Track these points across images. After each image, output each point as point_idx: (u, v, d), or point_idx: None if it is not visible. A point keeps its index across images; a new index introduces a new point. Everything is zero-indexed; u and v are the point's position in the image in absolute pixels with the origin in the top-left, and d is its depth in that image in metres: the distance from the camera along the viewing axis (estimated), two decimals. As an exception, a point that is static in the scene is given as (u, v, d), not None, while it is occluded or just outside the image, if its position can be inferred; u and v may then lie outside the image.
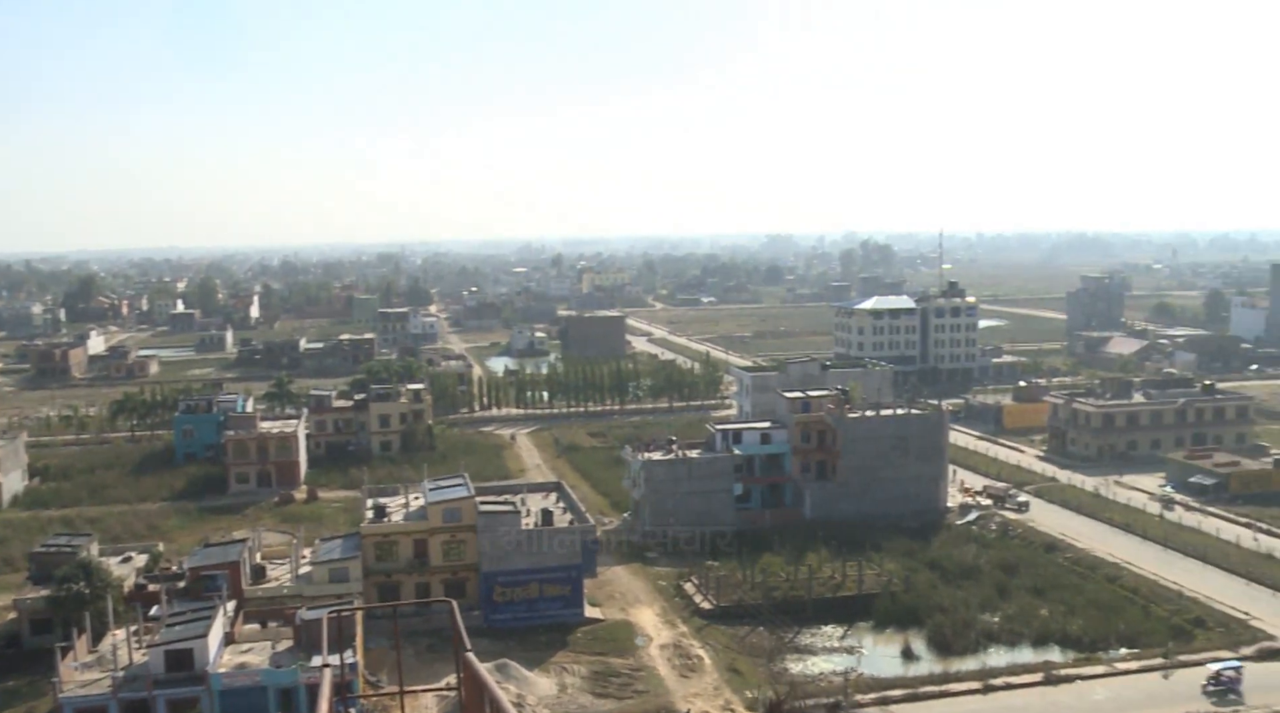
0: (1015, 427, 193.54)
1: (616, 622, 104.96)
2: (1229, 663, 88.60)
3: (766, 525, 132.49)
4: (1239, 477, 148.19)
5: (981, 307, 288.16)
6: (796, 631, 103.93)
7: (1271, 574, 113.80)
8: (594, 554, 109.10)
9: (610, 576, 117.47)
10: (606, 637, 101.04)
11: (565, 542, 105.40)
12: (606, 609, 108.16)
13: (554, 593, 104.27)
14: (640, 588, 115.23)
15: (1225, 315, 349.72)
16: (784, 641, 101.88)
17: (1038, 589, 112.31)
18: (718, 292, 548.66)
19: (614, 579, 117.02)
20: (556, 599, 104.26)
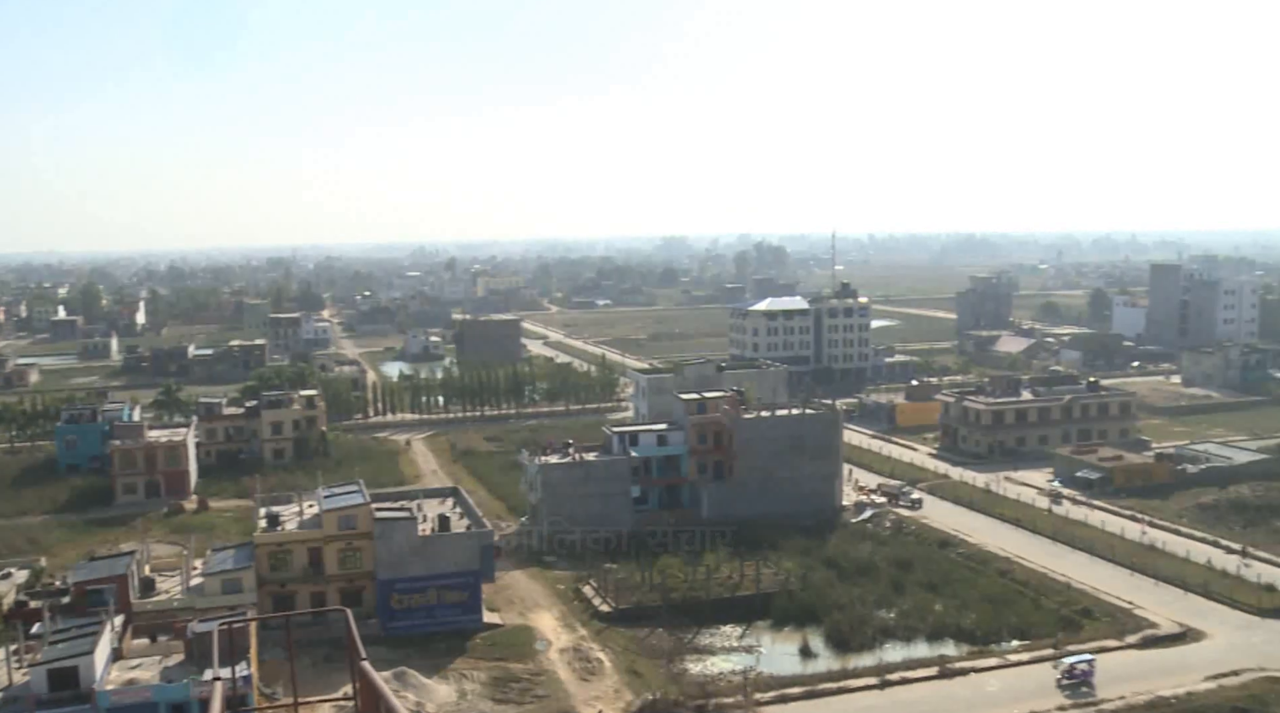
0: (908, 425, 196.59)
1: (516, 627, 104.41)
2: (1082, 657, 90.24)
3: (664, 527, 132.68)
4: (1123, 470, 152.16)
5: (874, 307, 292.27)
6: (695, 631, 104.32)
7: (1154, 564, 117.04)
8: (492, 559, 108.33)
9: (509, 580, 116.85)
10: (506, 642, 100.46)
11: (463, 547, 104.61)
12: (505, 614, 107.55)
13: (452, 599, 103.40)
14: (539, 592, 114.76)
15: (1108, 314, 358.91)
16: (683, 641, 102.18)
17: (932, 585, 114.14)
18: (613, 294, 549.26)
19: (513, 584, 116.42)
20: (455, 605, 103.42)
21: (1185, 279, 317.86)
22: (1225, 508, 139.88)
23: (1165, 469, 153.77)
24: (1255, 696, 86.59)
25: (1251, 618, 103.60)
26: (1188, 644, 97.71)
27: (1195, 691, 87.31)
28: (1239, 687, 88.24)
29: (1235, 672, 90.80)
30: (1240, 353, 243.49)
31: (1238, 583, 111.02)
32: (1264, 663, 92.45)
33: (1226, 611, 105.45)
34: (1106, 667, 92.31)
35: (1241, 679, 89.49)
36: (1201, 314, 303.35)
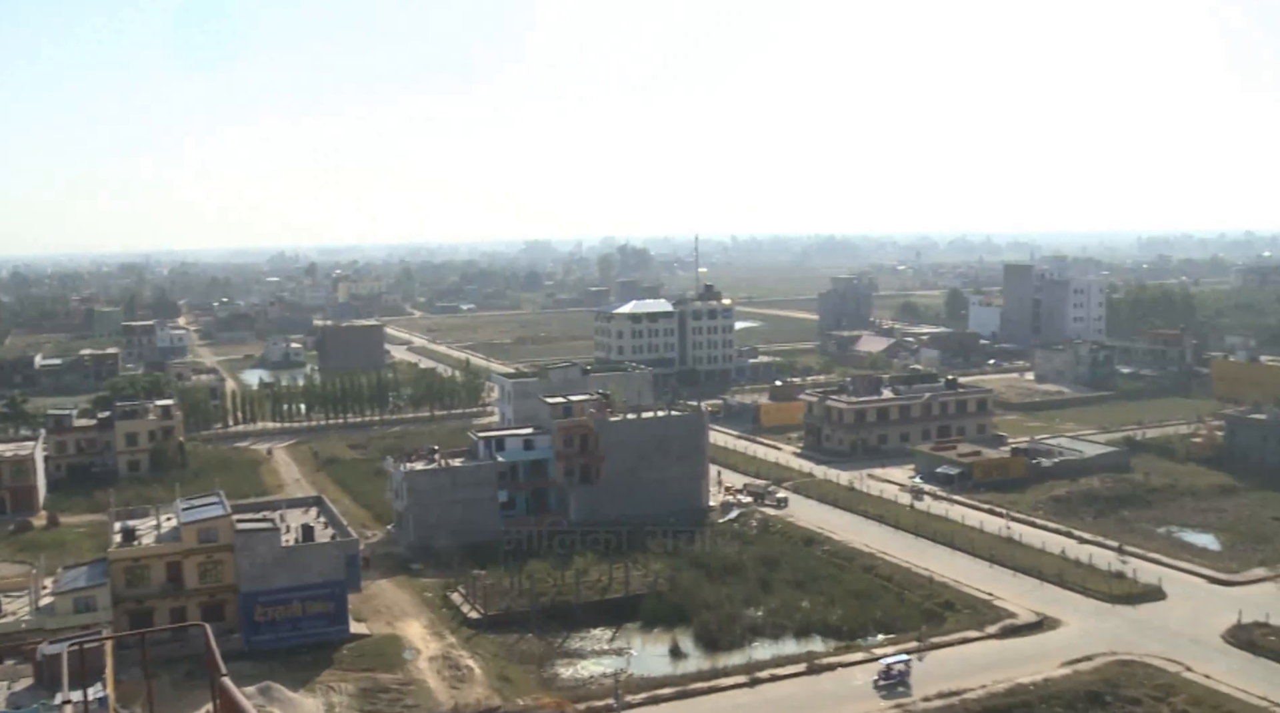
0: (772, 425, 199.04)
1: (383, 636, 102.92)
2: (899, 657, 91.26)
3: (532, 531, 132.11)
4: (981, 466, 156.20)
5: (737, 308, 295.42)
6: (565, 635, 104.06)
7: (1012, 556, 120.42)
8: (358, 569, 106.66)
9: (375, 589, 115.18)
10: (373, 652, 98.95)
11: (327, 557, 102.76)
12: (373, 624, 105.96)
13: (318, 610, 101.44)
14: (407, 601, 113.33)
15: (964, 313, 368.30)
16: (553, 646, 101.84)
17: (799, 582, 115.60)
18: (477, 298, 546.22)
19: (379, 593, 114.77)
20: (320, 617, 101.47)
21: (1037, 279, 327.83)
22: (1077, 500, 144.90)
23: (1021, 464, 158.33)
24: (1107, 679, 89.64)
25: (1102, 605, 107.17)
26: (1044, 632, 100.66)
27: (1052, 677, 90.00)
28: (1092, 671, 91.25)
29: (1089, 657, 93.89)
30: (1089, 350, 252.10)
31: (1090, 572, 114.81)
32: (1114, 647, 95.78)
33: (1080, 598, 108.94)
34: (968, 656, 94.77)
35: (1095, 664, 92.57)
36: (1053, 313, 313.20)
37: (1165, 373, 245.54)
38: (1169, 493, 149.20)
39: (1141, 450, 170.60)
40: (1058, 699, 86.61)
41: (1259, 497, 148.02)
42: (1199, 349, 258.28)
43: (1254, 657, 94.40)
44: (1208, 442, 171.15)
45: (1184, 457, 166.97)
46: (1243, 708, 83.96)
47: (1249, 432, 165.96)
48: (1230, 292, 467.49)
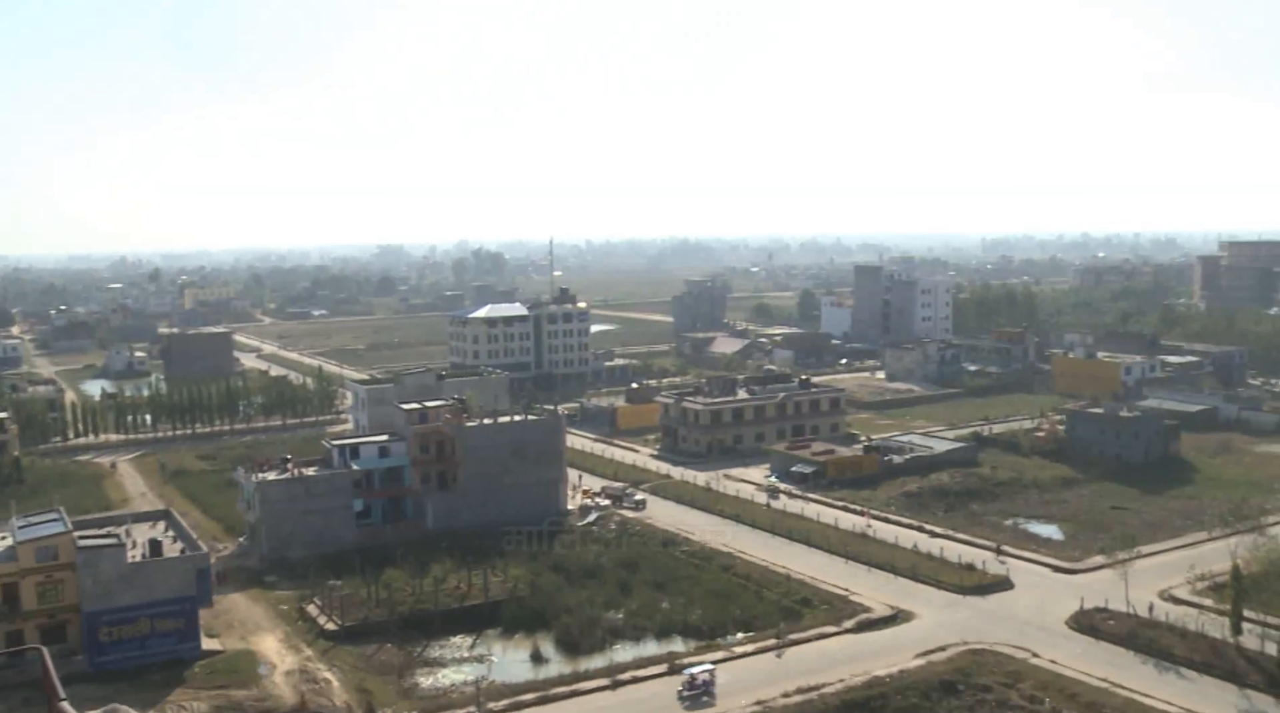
0: (629, 427, 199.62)
1: (237, 652, 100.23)
2: (703, 667, 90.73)
3: (389, 540, 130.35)
4: (835, 464, 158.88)
5: (593, 312, 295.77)
6: (425, 644, 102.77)
7: (867, 552, 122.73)
8: (209, 583, 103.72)
9: (228, 604, 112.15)
10: (227, 668, 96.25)
11: (176, 572, 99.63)
12: (226, 640, 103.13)
13: (167, 628, 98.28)
14: (261, 614, 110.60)
15: (816, 314, 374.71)
16: (413, 655, 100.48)
17: (658, 583, 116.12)
18: (329, 304, 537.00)
19: (232, 608, 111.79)
20: (170, 634, 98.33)
21: (886, 280, 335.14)
22: (928, 495, 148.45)
23: (873, 461, 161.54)
24: (960, 668, 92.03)
25: (954, 596, 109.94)
26: (899, 625, 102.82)
27: (907, 668, 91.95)
28: (945, 661, 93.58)
29: (942, 647, 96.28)
30: (937, 349, 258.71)
31: (942, 565, 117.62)
32: (966, 637, 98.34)
33: (932, 591, 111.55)
34: (826, 651, 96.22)
35: (948, 654, 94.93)
36: (902, 313, 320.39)
37: (1009, 370, 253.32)
38: (1015, 486, 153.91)
39: (988, 445, 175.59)
40: (913, 690, 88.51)
41: (1098, 487, 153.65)
42: (1041, 347, 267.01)
43: (1095, 641, 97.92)
44: (1050, 436, 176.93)
45: (1028, 451, 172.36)
46: (1086, 691, 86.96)
47: (1088, 425, 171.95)
48: (1069, 291, 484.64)
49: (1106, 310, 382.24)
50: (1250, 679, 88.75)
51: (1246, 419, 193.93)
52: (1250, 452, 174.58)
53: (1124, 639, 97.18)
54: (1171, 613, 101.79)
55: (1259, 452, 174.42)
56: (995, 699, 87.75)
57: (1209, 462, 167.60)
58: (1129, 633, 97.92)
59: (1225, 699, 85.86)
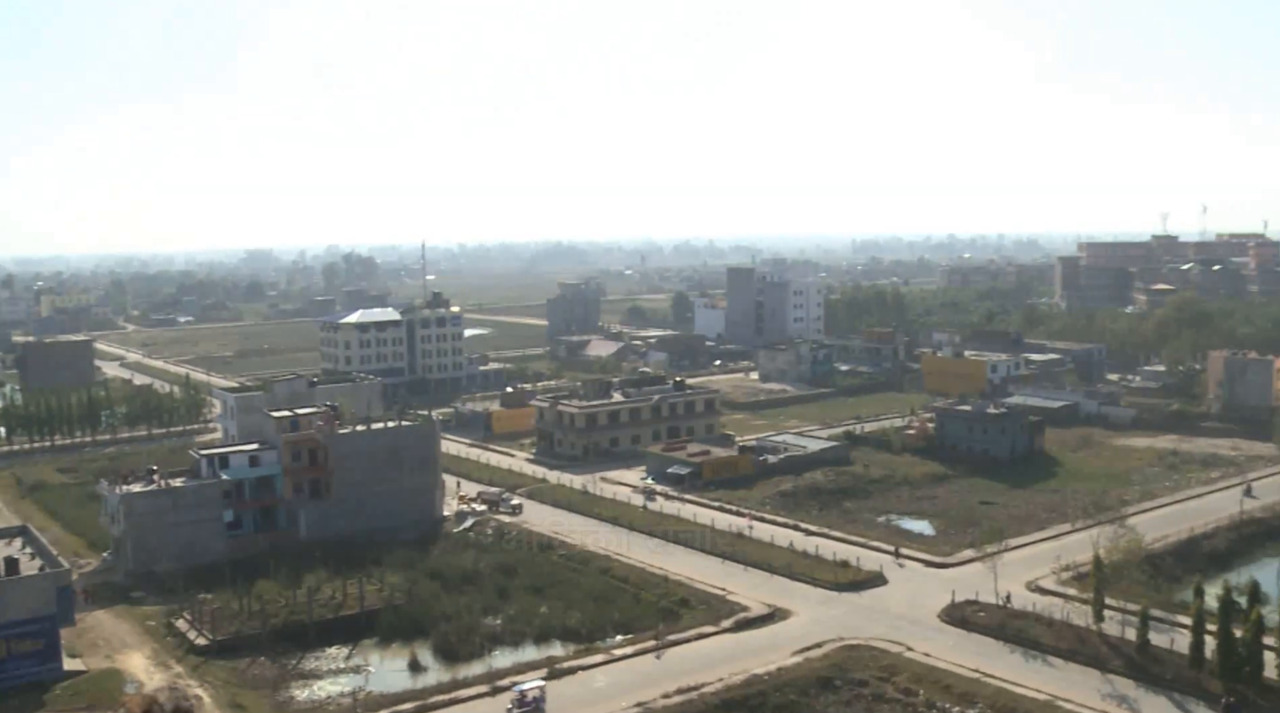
0: (505, 432, 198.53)
1: (102, 671, 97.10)
2: (532, 683, 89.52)
3: (261, 550, 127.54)
4: (710, 464, 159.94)
5: (466, 316, 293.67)
6: (300, 656, 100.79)
7: (743, 551, 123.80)
8: (70, 601, 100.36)
9: (92, 622, 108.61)
10: (91, 689, 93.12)
11: (35, 590, 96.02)
12: (89, 659, 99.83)
13: (25, 649, 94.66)
14: (127, 631, 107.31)
15: (690, 316, 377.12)
16: (288, 668, 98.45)
17: (536, 588, 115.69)
18: (195, 311, 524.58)
19: (96, 625, 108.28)
20: (29, 656, 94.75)
21: (759, 282, 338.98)
22: (803, 494, 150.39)
23: (748, 461, 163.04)
24: (836, 664, 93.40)
25: (830, 593, 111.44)
26: (777, 623, 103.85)
27: (785, 665, 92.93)
28: (822, 657, 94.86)
29: (819, 644, 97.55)
30: (810, 349, 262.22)
31: (817, 563, 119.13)
32: (842, 633, 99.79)
33: (808, 588, 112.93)
34: (705, 651, 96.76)
35: (824, 650, 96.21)
36: (774, 314, 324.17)
37: (880, 369, 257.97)
38: (887, 483, 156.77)
39: (861, 444, 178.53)
40: (791, 687, 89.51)
41: (967, 483, 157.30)
42: (910, 346, 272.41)
43: (967, 633, 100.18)
44: (920, 433, 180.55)
45: (899, 448, 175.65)
46: (958, 681, 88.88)
47: (956, 423, 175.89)
48: (937, 291, 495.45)
49: (973, 310, 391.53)
50: (1112, 665, 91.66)
51: (1106, 414, 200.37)
52: (1110, 445, 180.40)
53: (993, 630, 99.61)
54: (1038, 603, 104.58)
55: (1118, 445, 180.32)
56: (871, 693, 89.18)
57: (1071, 456, 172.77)
58: (998, 624, 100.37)
59: (1089, 685, 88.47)
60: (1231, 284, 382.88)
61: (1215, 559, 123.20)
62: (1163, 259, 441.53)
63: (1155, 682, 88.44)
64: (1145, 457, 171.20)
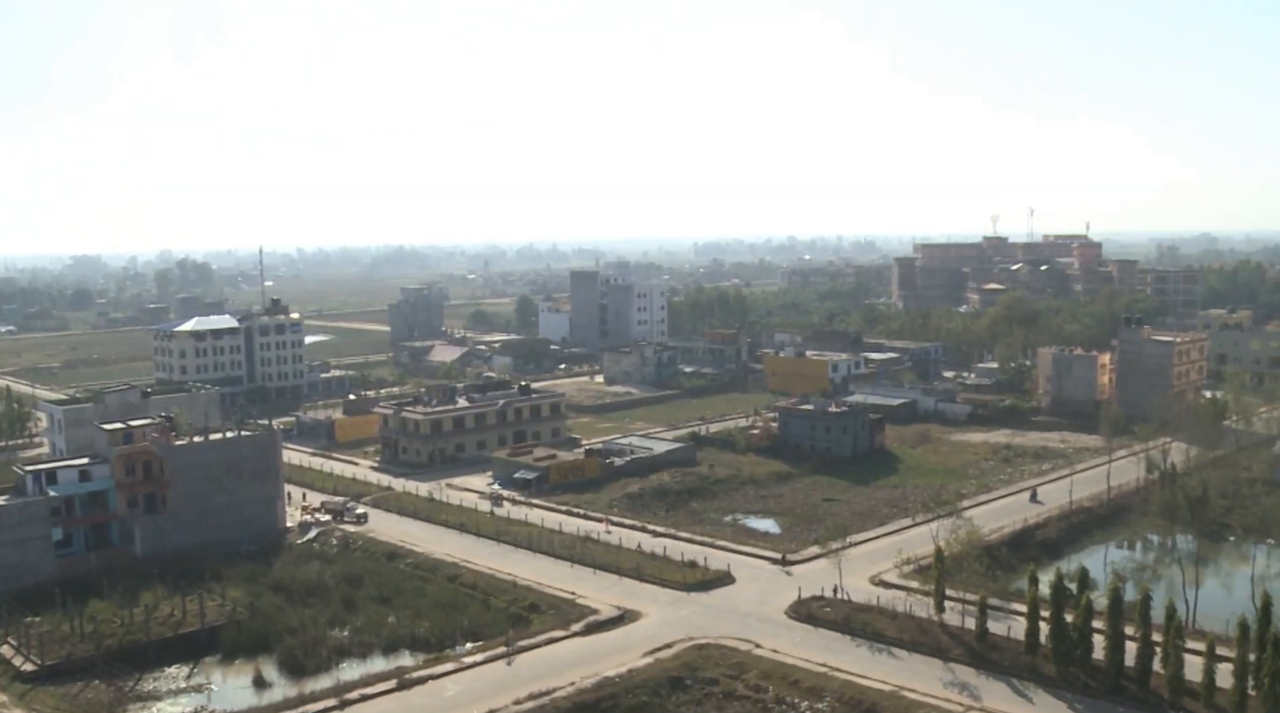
0: (348, 440, 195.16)
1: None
2: None
3: (94, 569, 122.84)
4: (557, 468, 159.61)
5: (307, 322, 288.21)
6: (137, 677, 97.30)
7: (592, 554, 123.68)
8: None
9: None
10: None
11: None
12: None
13: None
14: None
15: (535, 320, 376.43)
16: (124, 691, 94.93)
17: (383, 598, 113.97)
18: (18, 319, 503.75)
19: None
20: None
21: (603, 285, 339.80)
22: (650, 495, 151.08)
23: (595, 464, 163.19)
24: (687, 663, 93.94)
25: (679, 594, 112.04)
26: (627, 625, 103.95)
27: (636, 667, 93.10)
28: (673, 657, 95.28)
29: (669, 644, 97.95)
30: (654, 351, 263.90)
31: (665, 563, 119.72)
32: (692, 633, 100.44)
33: (658, 589, 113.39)
34: (556, 656, 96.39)
35: (675, 650, 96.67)
36: (619, 317, 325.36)
37: (724, 370, 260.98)
38: (732, 483, 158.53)
39: (706, 445, 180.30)
40: (643, 688, 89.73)
41: (811, 481, 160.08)
42: (753, 347, 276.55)
43: (814, 628, 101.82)
44: (764, 433, 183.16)
45: (744, 448, 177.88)
46: (806, 676, 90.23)
47: (799, 422, 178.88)
48: (778, 292, 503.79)
49: (813, 310, 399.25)
50: (953, 653, 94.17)
51: (943, 410, 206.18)
52: (947, 441, 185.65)
53: (839, 624, 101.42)
54: (882, 597, 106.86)
55: (955, 440, 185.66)
56: (722, 692, 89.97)
57: (910, 452, 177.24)
58: (844, 618, 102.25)
59: (932, 674, 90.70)
60: (1058, 283, 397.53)
61: (1047, 548, 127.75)
62: (994, 260, 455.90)
63: (994, 668, 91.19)
64: (981, 451, 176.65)
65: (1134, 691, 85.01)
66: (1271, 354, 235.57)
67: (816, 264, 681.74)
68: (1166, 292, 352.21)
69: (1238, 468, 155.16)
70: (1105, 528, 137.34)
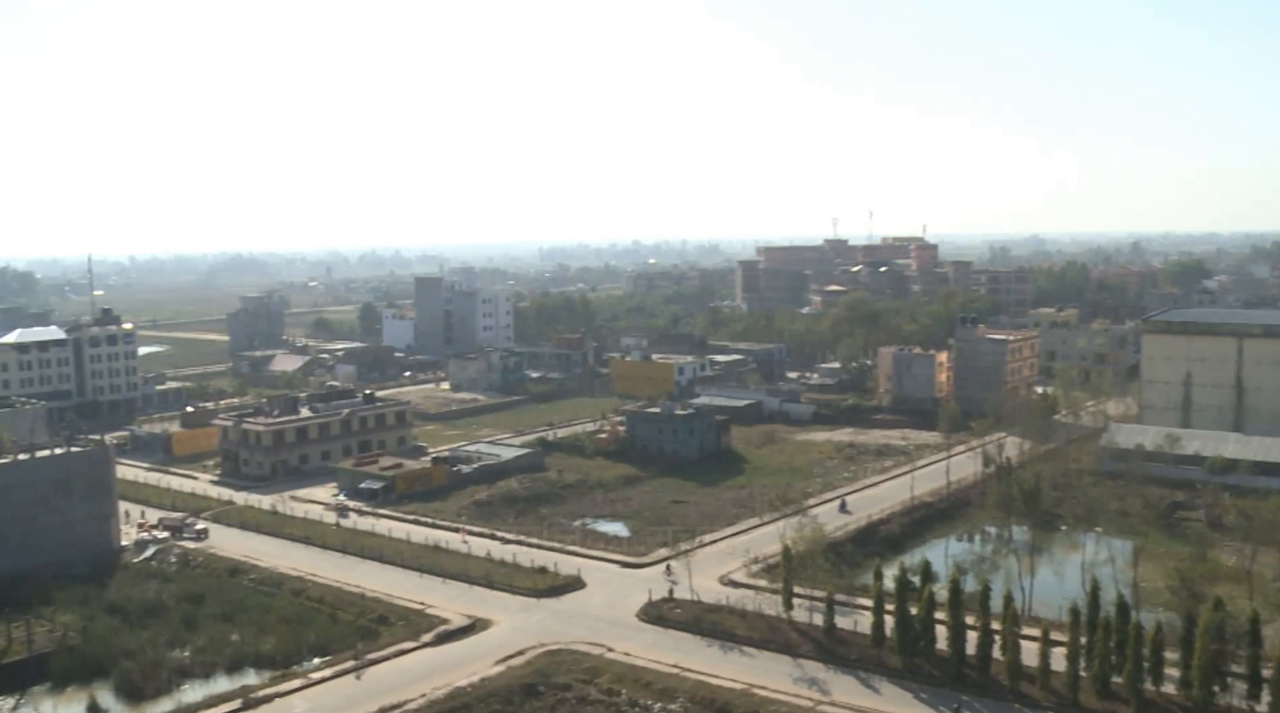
0: (187, 454, 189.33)
1: None
2: None
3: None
4: (404, 477, 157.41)
5: (140, 333, 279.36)
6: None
7: (440, 564, 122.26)
8: None
9: None
10: None
11: None
12: None
13: None
14: None
15: (379, 327, 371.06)
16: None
17: (226, 615, 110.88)
18: None
19: None
20: None
21: (447, 291, 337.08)
22: (499, 502, 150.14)
23: (442, 472, 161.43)
24: (539, 670, 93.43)
25: (530, 600, 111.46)
26: (478, 634, 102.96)
27: (488, 675, 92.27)
28: (525, 664, 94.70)
29: (521, 651, 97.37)
30: (500, 357, 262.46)
31: (515, 570, 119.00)
32: (543, 639, 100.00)
33: (508, 597, 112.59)
34: (406, 668, 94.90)
35: (526, 657, 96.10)
36: (464, 323, 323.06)
37: (570, 375, 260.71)
38: (581, 488, 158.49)
39: (554, 450, 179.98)
40: (495, 697, 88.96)
41: (659, 483, 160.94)
42: (599, 351, 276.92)
43: (664, 629, 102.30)
44: (611, 437, 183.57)
45: (592, 452, 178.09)
46: (658, 678, 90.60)
47: (646, 425, 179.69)
48: (624, 296, 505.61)
49: (659, 314, 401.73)
50: (802, 649, 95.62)
51: (787, 410, 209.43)
52: (792, 440, 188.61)
53: (690, 625, 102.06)
54: (731, 596, 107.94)
55: (799, 440, 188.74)
56: (575, 697, 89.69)
57: (756, 452, 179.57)
58: (694, 619, 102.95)
59: (782, 671, 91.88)
60: (896, 284, 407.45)
61: (891, 543, 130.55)
62: (835, 262, 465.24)
63: (842, 662, 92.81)
64: (825, 450, 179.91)
65: (975, 678, 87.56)
66: (1097, 350, 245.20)
67: (661, 268, 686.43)
68: (999, 292, 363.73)
69: (1067, 460, 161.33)
70: (946, 522, 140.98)
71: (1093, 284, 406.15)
